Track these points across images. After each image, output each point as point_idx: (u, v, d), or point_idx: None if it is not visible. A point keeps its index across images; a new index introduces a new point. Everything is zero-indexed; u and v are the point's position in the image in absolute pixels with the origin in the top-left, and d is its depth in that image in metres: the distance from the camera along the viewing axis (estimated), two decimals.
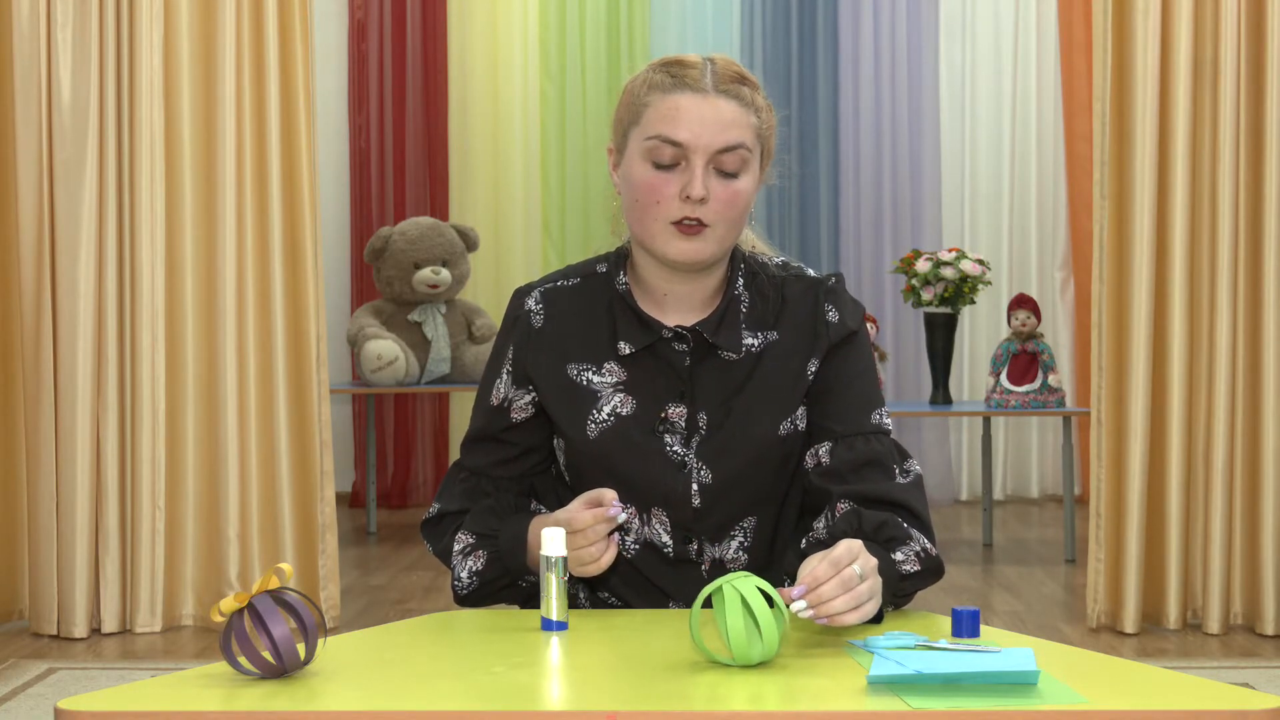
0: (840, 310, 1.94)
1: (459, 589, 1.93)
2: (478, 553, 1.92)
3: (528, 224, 6.88)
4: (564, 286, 1.96)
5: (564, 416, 1.92)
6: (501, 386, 1.96)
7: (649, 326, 1.90)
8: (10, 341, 4.25)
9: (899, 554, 1.79)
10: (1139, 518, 4.15)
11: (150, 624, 4.22)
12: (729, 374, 1.91)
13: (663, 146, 1.83)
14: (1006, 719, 1.34)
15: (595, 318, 1.93)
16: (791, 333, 1.93)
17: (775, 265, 1.98)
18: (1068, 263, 6.98)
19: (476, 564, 1.91)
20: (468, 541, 1.93)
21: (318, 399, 4.27)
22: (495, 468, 1.98)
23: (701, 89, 1.83)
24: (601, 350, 1.92)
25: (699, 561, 1.93)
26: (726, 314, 1.91)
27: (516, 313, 1.97)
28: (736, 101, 1.84)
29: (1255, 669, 3.83)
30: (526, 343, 1.94)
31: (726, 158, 1.83)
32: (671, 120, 1.83)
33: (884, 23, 6.91)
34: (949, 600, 4.66)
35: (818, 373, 1.92)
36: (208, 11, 4.24)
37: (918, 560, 1.80)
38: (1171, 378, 4.15)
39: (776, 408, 1.90)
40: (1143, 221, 4.13)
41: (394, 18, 6.88)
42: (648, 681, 1.47)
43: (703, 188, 1.82)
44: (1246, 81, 4.14)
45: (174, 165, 4.22)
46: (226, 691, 1.43)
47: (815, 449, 1.91)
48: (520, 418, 1.96)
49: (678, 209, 1.83)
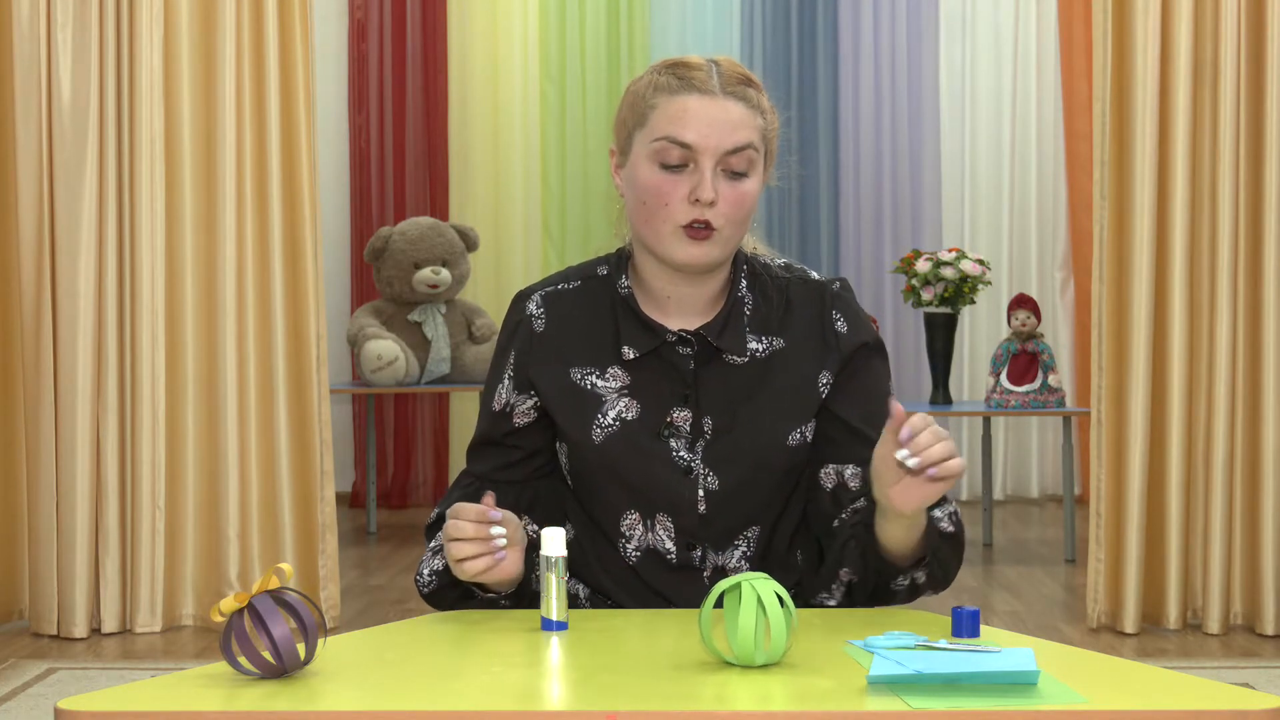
0: (849, 320, 1.93)
1: (419, 584, 1.92)
2: (442, 553, 1.90)
3: (528, 224, 6.88)
4: (565, 290, 1.95)
5: (568, 421, 1.91)
6: (503, 392, 1.95)
7: (652, 330, 1.89)
8: (10, 341, 4.25)
9: (937, 511, 1.82)
10: (1139, 518, 4.15)
11: (150, 624, 4.22)
12: (734, 378, 1.90)
13: (671, 148, 1.82)
14: (1006, 719, 1.34)
15: (598, 321, 1.92)
16: (799, 339, 1.92)
17: (778, 267, 1.97)
18: (1068, 263, 6.98)
19: (440, 564, 1.89)
20: (441, 541, 1.92)
21: (318, 399, 4.27)
22: (499, 472, 1.97)
23: (709, 90, 1.82)
24: (605, 354, 1.91)
25: (702, 569, 1.92)
26: (730, 317, 1.90)
27: (517, 317, 1.95)
28: (743, 103, 1.84)
29: (1255, 669, 3.83)
30: (528, 347, 1.93)
31: (735, 159, 1.82)
32: (679, 121, 1.82)
33: (884, 23, 6.92)
34: (949, 600, 4.66)
35: (835, 387, 1.91)
36: (208, 11, 4.24)
37: (951, 521, 1.83)
38: (1171, 378, 4.15)
39: (785, 416, 1.90)
40: (1143, 221, 4.13)
41: (394, 18, 6.88)
42: (648, 681, 1.47)
43: (712, 190, 1.81)
44: (1246, 81, 4.14)
45: (174, 165, 4.22)
46: (226, 691, 1.43)
47: (840, 470, 1.90)
48: (523, 422, 1.95)
49: (686, 212, 1.82)
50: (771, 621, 1.46)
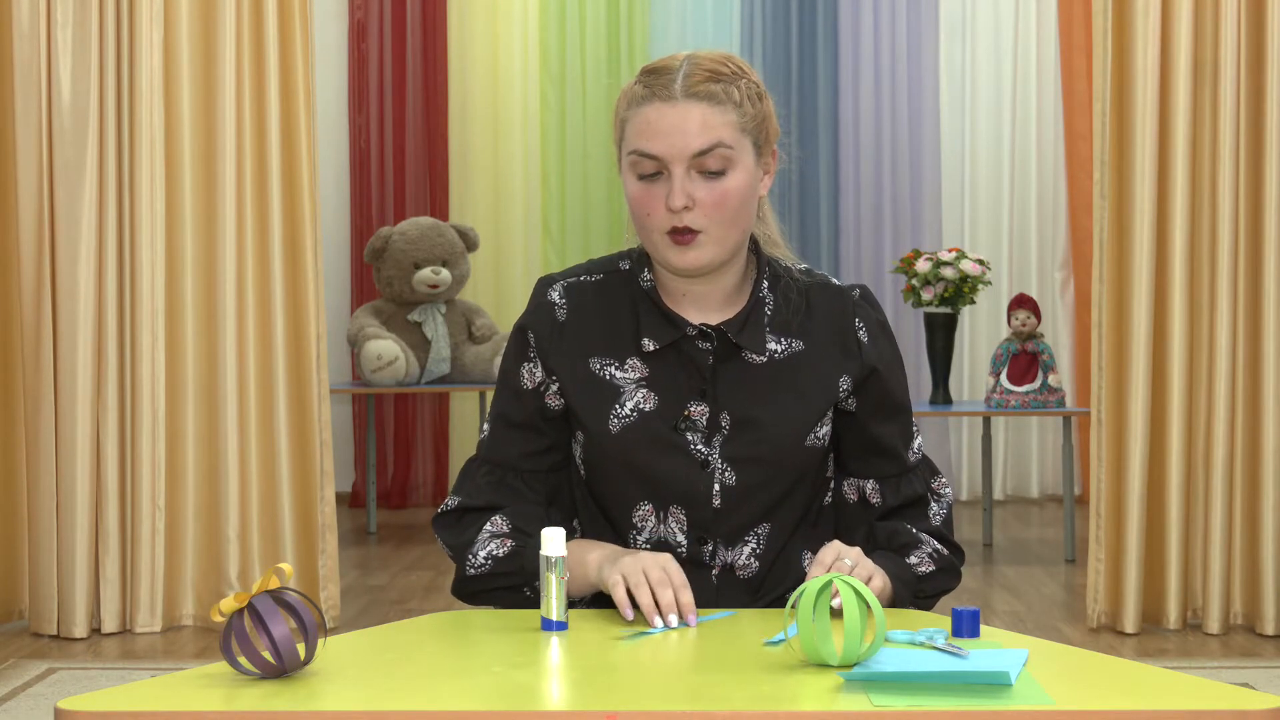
0: (870, 330, 1.96)
1: (470, 566, 1.90)
2: (506, 541, 1.90)
3: (528, 224, 6.87)
4: (587, 282, 1.97)
5: (586, 410, 1.92)
6: (537, 371, 1.95)
7: (673, 323, 1.91)
8: (10, 341, 4.25)
9: (913, 557, 1.93)
10: (1139, 518, 4.15)
11: (150, 624, 4.22)
12: (752, 376, 1.92)
13: (642, 161, 1.85)
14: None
15: (618, 314, 1.94)
16: (819, 343, 1.94)
17: (799, 271, 1.99)
18: (1068, 263, 6.98)
19: (500, 550, 1.89)
20: (503, 528, 1.91)
21: (318, 399, 4.27)
22: (524, 460, 1.96)
23: (669, 96, 1.83)
24: (624, 346, 1.93)
25: (711, 565, 1.93)
26: (751, 315, 1.92)
27: (539, 300, 1.97)
28: (707, 103, 1.83)
29: (1255, 669, 3.83)
30: (550, 334, 1.95)
31: (706, 159, 1.83)
32: (645, 134, 1.84)
33: (884, 23, 6.91)
34: (949, 600, 4.65)
35: (856, 399, 1.95)
36: (208, 11, 4.24)
37: (931, 561, 1.93)
38: (1171, 378, 4.15)
39: (803, 417, 1.92)
40: (1143, 221, 4.13)
41: (394, 18, 6.88)
42: (648, 681, 1.47)
43: (682, 197, 1.82)
44: (1246, 81, 4.14)
45: (174, 165, 4.22)
46: (226, 691, 1.43)
47: (860, 484, 1.98)
48: (555, 405, 1.95)
49: (667, 219, 1.84)
50: (876, 616, 1.47)
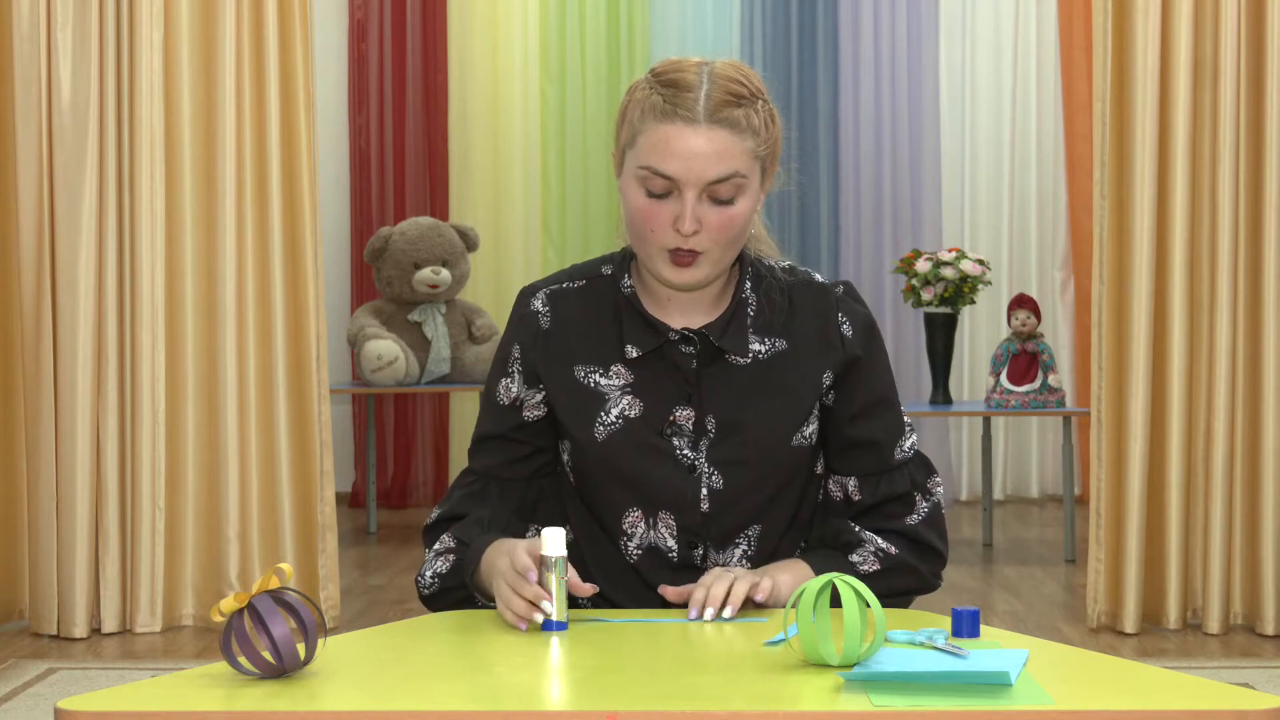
0: (854, 324, 1.95)
1: (420, 586, 1.94)
2: (448, 556, 1.92)
3: (528, 224, 6.87)
4: (570, 288, 1.96)
5: (572, 418, 1.92)
6: (513, 386, 1.95)
7: (655, 329, 1.90)
8: (10, 341, 4.25)
9: (855, 556, 1.92)
10: (1139, 518, 4.15)
11: (150, 624, 4.21)
12: (736, 379, 1.91)
13: (654, 178, 1.82)
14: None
15: (601, 320, 1.93)
16: (802, 341, 1.93)
17: (781, 269, 1.98)
18: (1068, 263, 6.98)
19: (443, 566, 1.92)
20: (447, 544, 1.94)
21: (318, 399, 4.27)
22: (504, 468, 1.98)
23: (693, 119, 1.80)
24: (608, 353, 1.92)
25: (702, 568, 1.93)
26: (734, 318, 1.91)
27: (522, 311, 1.96)
28: (729, 130, 1.81)
29: (1255, 669, 3.83)
30: (534, 343, 1.94)
31: (720, 188, 1.82)
32: (662, 153, 1.80)
33: (884, 23, 6.91)
34: (949, 600, 4.65)
35: (836, 394, 1.94)
36: (208, 11, 4.24)
37: (876, 560, 1.92)
38: (1171, 378, 4.15)
39: (789, 417, 1.91)
40: (1143, 221, 4.13)
41: (394, 18, 6.88)
42: (648, 681, 1.47)
43: (693, 222, 1.81)
44: (1246, 81, 4.14)
45: (174, 165, 4.22)
46: (226, 691, 1.43)
47: (843, 481, 1.97)
48: (533, 416, 1.96)
49: (672, 239, 1.83)
50: (876, 617, 1.47)
